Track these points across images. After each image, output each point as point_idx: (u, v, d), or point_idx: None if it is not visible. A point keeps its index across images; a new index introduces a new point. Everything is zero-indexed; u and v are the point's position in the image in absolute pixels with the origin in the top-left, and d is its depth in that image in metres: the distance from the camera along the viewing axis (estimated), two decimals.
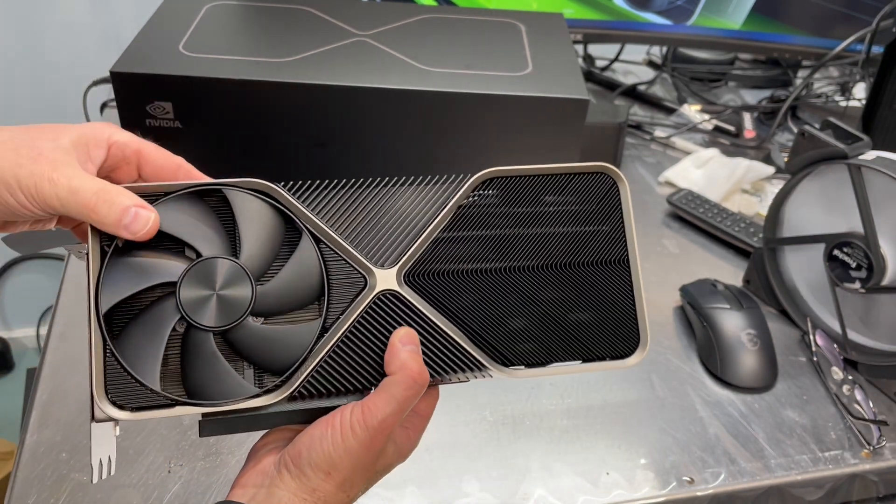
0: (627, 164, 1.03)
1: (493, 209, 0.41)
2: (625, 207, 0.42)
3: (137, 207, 0.36)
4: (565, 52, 0.72)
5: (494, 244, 0.41)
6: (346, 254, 0.39)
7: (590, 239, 0.42)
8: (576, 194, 0.42)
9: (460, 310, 0.40)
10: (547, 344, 0.41)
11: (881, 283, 0.66)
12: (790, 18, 1.08)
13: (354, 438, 0.36)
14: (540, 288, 0.41)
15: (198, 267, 0.37)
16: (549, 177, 0.41)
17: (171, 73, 0.63)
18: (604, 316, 0.42)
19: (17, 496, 0.55)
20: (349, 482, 0.37)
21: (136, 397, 0.37)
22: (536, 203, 0.41)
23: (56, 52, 1.48)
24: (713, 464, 0.62)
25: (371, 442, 0.37)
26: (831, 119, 0.70)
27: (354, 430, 0.37)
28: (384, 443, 0.38)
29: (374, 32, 0.72)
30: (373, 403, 0.37)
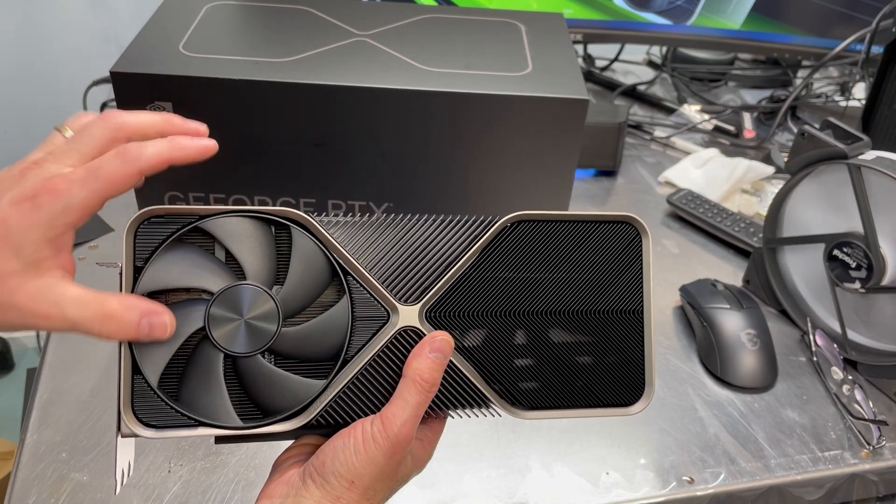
0: (627, 164, 1.03)
1: (517, 253, 0.41)
2: (645, 260, 0.43)
3: (146, 318, 0.36)
4: (565, 52, 0.72)
5: (515, 287, 0.41)
6: (372, 288, 0.40)
7: (607, 287, 0.42)
8: (599, 242, 0.42)
9: (476, 348, 0.41)
10: (554, 386, 0.42)
11: (881, 283, 0.66)
12: (790, 18, 1.08)
13: (377, 448, 0.37)
14: (553, 331, 0.42)
15: (236, 289, 0.37)
16: (574, 223, 0.42)
17: (171, 73, 0.63)
18: (612, 363, 0.43)
19: (17, 496, 0.55)
20: (372, 490, 0.38)
21: (162, 416, 0.38)
22: (560, 247, 0.42)
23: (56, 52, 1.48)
24: (713, 464, 0.62)
25: (393, 451, 0.37)
26: (831, 119, 0.70)
27: (376, 439, 0.37)
28: (404, 452, 0.38)
29: (374, 32, 0.72)
30: (389, 412, 0.38)
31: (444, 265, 0.40)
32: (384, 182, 0.70)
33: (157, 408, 0.38)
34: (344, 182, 0.70)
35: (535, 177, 0.69)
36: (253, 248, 0.38)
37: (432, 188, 0.70)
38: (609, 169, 1.00)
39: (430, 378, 0.38)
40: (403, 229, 0.40)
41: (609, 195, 0.97)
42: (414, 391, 0.38)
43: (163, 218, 0.38)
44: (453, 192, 0.70)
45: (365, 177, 0.69)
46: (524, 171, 0.69)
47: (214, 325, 0.37)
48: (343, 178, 0.70)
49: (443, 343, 0.39)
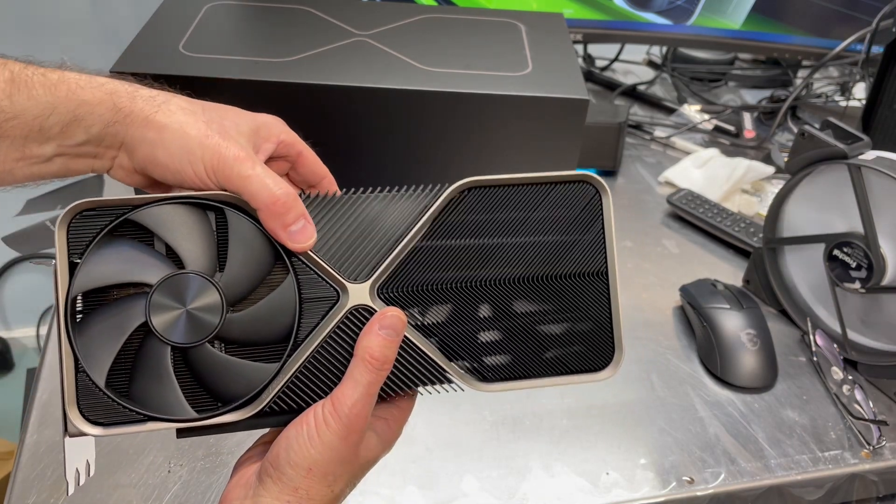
0: (627, 164, 1.03)
1: (471, 219, 0.40)
2: (606, 218, 0.41)
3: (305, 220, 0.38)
4: (565, 52, 0.72)
5: (470, 255, 0.40)
6: (318, 267, 0.39)
7: (569, 250, 0.41)
8: (557, 204, 0.41)
9: (434, 324, 0.40)
10: (520, 357, 0.41)
11: (881, 283, 0.66)
12: (790, 18, 1.08)
13: (330, 431, 0.36)
14: (515, 300, 0.41)
15: (176, 279, 0.36)
16: (529, 186, 0.40)
17: (171, 73, 0.63)
18: (580, 329, 0.41)
19: (17, 496, 0.55)
20: (332, 476, 0.37)
21: (109, 413, 0.37)
22: (515, 212, 0.40)
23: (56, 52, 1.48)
24: (713, 464, 0.62)
25: (347, 432, 0.36)
26: (831, 119, 0.70)
27: (328, 422, 0.36)
28: (361, 432, 0.37)
29: (374, 32, 0.72)
30: (340, 392, 0.37)
31: (393, 239, 0.39)
32: (384, 182, 0.69)
33: (106, 404, 0.36)
34: (344, 182, 0.70)
35: None
36: (189, 235, 0.37)
37: None
38: (609, 169, 1.00)
39: (381, 356, 0.37)
40: (349, 204, 0.39)
41: None
42: (364, 370, 0.37)
43: (95, 210, 0.36)
44: None
45: (365, 177, 0.69)
46: (524, 170, 0.69)
47: (157, 316, 0.36)
48: (343, 178, 0.70)
49: (393, 319, 0.38)
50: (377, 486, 0.58)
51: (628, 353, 0.72)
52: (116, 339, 0.36)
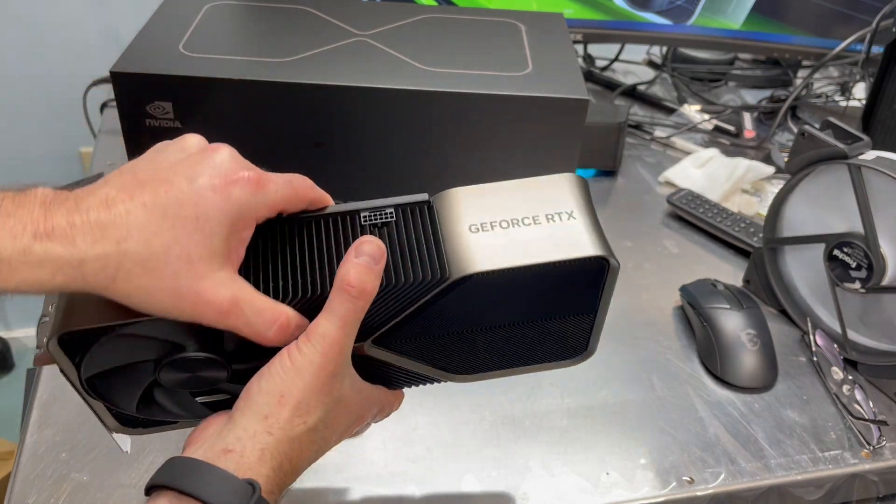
0: (627, 164, 1.03)
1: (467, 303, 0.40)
2: (608, 288, 0.44)
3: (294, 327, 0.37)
4: (565, 52, 0.72)
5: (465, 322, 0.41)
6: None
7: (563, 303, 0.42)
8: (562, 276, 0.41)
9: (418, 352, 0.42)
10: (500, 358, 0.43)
11: (881, 283, 0.66)
12: (790, 18, 1.08)
13: (302, 356, 0.35)
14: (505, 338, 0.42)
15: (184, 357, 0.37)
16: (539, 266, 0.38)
17: (171, 73, 0.63)
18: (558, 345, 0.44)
19: (17, 496, 0.55)
20: (304, 405, 0.35)
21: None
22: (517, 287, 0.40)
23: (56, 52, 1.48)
24: (713, 464, 0.62)
25: (323, 361, 0.35)
26: (831, 119, 0.70)
27: (301, 349, 0.35)
28: (337, 365, 0.36)
29: (374, 32, 0.72)
30: (315, 322, 0.36)
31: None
32: (384, 182, 0.70)
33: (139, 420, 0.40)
34: (344, 182, 0.70)
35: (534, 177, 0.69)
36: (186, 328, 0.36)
37: (432, 188, 0.70)
38: (609, 169, 1.00)
39: (357, 282, 0.36)
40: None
41: (609, 195, 0.97)
42: (340, 299, 0.36)
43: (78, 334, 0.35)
44: None
45: (365, 177, 0.69)
46: (524, 170, 0.68)
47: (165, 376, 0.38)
48: (343, 178, 0.70)
49: (370, 246, 0.37)
50: (377, 487, 0.58)
51: (628, 353, 0.72)
52: (135, 392, 0.39)
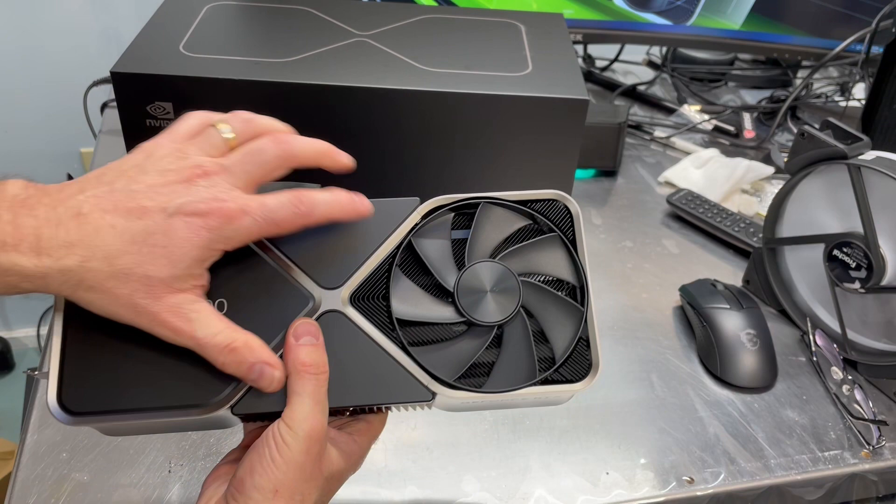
0: (627, 164, 1.03)
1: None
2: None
3: (260, 364, 0.36)
4: (565, 52, 0.72)
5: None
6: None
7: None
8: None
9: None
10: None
11: (881, 283, 0.66)
12: (790, 19, 1.08)
13: (290, 449, 0.36)
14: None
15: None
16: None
17: (171, 73, 0.63)
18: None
19: (17, 496, 0.55)
20: (299, 495, 0.37)
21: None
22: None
23: (56, 52, 1.48)
24: (713, 464, 0.62)
25: (308, 447, 0.36)
26: (831, 119, 0.70)
27: (287, 441, 0.36)
28: (321, 442, 0.37)
29: (374, 32, 0.72)
30: (290, 410, 0.37)
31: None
32: (383, 182, 0.70)
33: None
34: (343, 182, 0.70)
35: (534, 177, 0.69)
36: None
37: (432, 188, 0.70)
38: (609, 169, 1.00)
39: (312, 361, 0.37)
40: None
41: (609, 195, 0.97)
42: (302, 381, 0.37)
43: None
44: (453, 191, 0.70)
45: (365, 177, 0.69)
46: (524, 171, 0.69)
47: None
48: (342, 177, 0.70)
49: (304, 327, 0.38)
50: (377, 487, 0.58)
51: (628, 353, 0.72)
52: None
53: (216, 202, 0.35)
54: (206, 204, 0.34)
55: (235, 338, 0.36)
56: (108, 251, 0.33)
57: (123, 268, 0.33)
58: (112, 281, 0.33)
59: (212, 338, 0.35)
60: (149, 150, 0.37)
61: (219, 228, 0.35)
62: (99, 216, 0.33)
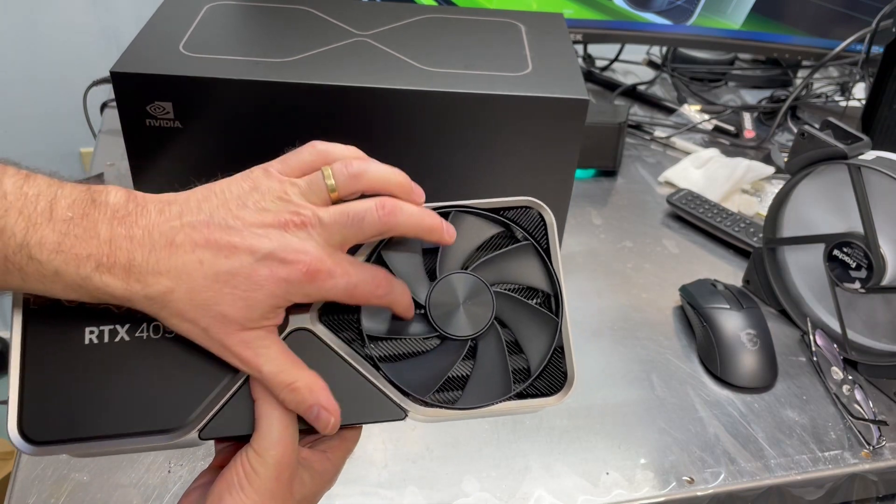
0: (627, 164, 1.03)
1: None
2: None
3: (317, 407, 0.37)
4: (565, 52, 0.72)
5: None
6: None
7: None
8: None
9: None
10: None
11: (881, 283, 0.66)
12: (790, 18, 1.08)
13: (259, 477, 0.35)
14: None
15: None
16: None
17: (171, 73, 0.63)
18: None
19: (17, 496, 0.55)
20: None
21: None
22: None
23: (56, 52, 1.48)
24: (713, 464, 0.62)
25: (277, 474, 0.36)
26: (831, 119, 0.70)
27: (256, 469, 0.36)
28: (292, 469, 0.37)
29: (374, 32, 0.72)
30: (258, 436, 0.36)
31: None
32: None
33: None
34: None
35: (535, 177, 0.69)
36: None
37: (431, 188, 0.70)
38: (609, 169, 1.00)
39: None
40: None
41: (609, 195, 0.97)
42: (270, 406, 0.37)
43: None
44: (453, 191, 0.70)
45: None
46: (524, 171, 0.69)
47: None
48: None
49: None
50: (377, 487, 0.58)
51: (628, 353, 0.72)
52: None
53: (305, 256, 0.35)
54: (295, 255, 0.35)
55: (298, 377, 0.36)
56: (192, 286, 0.34)
57: (202, 302, 0.34)
58: (192, 313, 0.34)
59: (276, 374, 0.36)
60: (257, 180, 0.36)
61: (300, 283, 0.35)
62: (190, 249, 0.34)
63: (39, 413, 0.36)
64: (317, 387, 0.37)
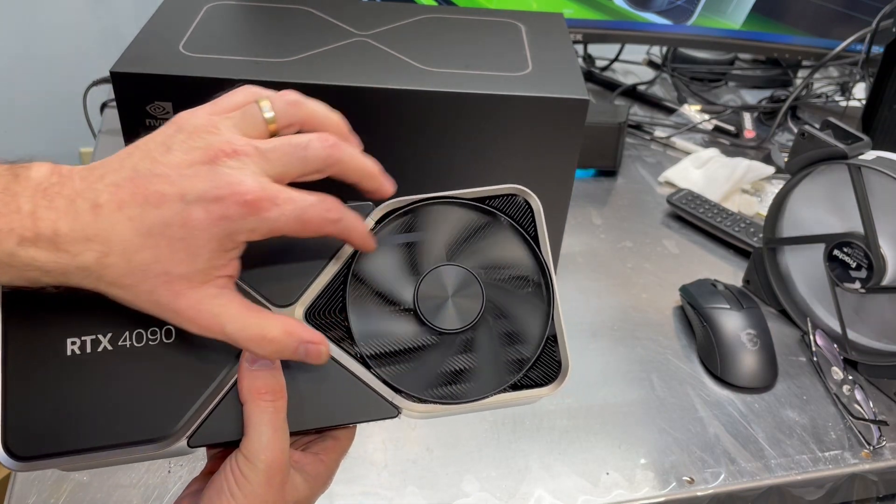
0: (627, 164, 1.03)
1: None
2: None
3: (303, 345, 0.35)
4: (565, 52, 0.72)
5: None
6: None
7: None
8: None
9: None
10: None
11: (881, 283, 0.66)
12: (790, 18, 1.08)
13: (249, 482, 0.34)
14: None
15: None
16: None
17: (171, 73, 0.63)
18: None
19: (17, 496, 0.55)
20: None
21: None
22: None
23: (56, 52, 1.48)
24: (713, 464, 0.62)
25: (268, 479, 0.35)
26: (831, 119, 0.70)
27: (246, 475, 0.34)
28: (283, 473, 0.35)
29: (374, 32, 0.72)
30: (248, 441, 0.35)
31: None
32: None
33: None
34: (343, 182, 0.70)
35: (534, 177, 0.69)
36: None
37: (432, 188, 0.70)
38: (609, 169, 1.00)
39: (268, 388, 0.35)
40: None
41: (609, 195, 0.97)
42: (259, 410, 0.35)
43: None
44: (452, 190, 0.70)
45: None
46: (524, 171, 0.69)
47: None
48: None
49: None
50: (377, 487, 0.58)
51: (628, 353, 0.72)
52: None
53: (240, 186, 0.32)
54: (230, 188, 0.31)
55: (268, 326, 0.34)
56: (125, 246, 0.31)
57: (141, 264, 0.31)
58: (130, 277, 0.32)
59: (243, 331, 0.33)
60: (181, 122, 0.34)
61: (241, 218, 0.32)
62: (116, 208, 0.31)
63: (23, 428, 0.34)
64: (291, 326, 0.34)
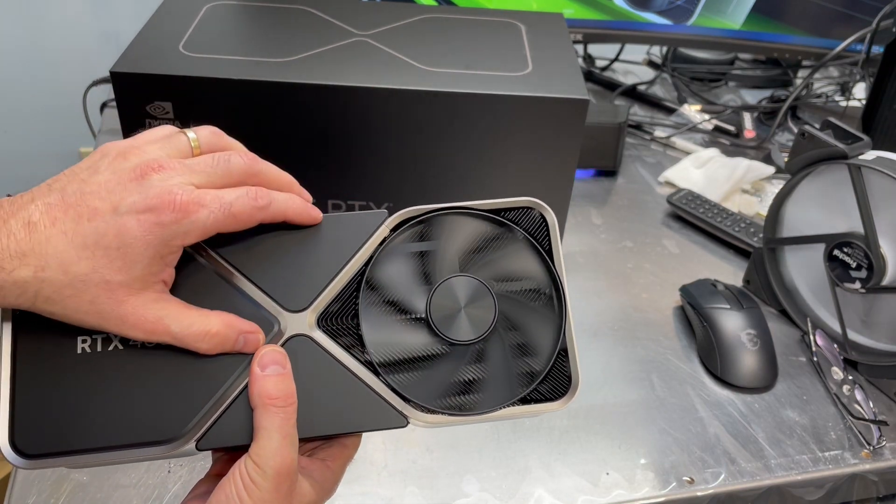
0: (627, 164, 1.03)
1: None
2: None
3: (242, 335, 0.36)
4: (565, 52, 0.72)
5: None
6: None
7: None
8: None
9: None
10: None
11: (881, 283, 0.66)
12: (790, 18, 1.08)
13: (258, 488, 0.34)
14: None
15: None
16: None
17: (171, 73, 0.63)
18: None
19: (17, 496, 0.55)
20: None
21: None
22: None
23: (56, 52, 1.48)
24: (713, 464, 0.62)
25: (277, 485, 0.35)
26: (831, 119, 0.70)
27: (255, 481, 0.34)
28: (292, 479, 0.36)
29: (374, 32, 0.72)
30: (258, 447, 0.35)
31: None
32: (384, 182, 0.70)
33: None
34: (344, 182, 0.70)
35: (535, 177, 0.69)
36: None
37: (432, 188, 0.70)
38: (609, 169, 1.00)
39: (279, 393, 0.35)
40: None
41: (609, 195, 0.97)
42: (270, 415, 0.35)
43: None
44: (453, 191, 0.70)
45: (365, 177, 0.69)
46: (524, 171, 0.69)
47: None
48: (343, 177, 0.70)
49: (271, 355, 0.36)
50: (377, 487, 0.58)
51: (628, 353, 0.72)
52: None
53: (169, 195, 0.33)
54: (159, 198, 0.33)
55: (209, 323, 0.36)
56: (61, 259, 0.32)
57: (79, 275, 0.32)
58: (70, 289, 0.32)
59: (187, 329, 0.35)
60: (105, 149, 0.35)
61: (173, 223, 0.33)
62: (50, 223, 0.32)
63: (31, 425, 0.35)
64: (230, 319, 0.36)
